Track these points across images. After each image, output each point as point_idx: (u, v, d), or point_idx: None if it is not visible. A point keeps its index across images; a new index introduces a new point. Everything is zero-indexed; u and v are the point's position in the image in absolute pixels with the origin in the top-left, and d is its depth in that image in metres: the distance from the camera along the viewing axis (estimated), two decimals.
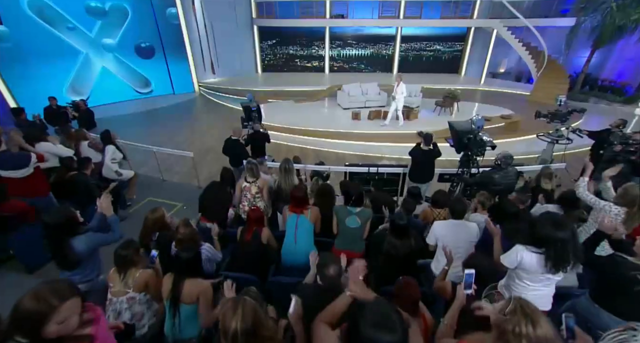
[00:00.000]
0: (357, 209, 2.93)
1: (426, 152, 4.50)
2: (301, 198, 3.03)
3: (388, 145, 8.07)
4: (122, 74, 11.87)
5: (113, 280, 2.25)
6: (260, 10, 14.30)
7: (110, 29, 11.08)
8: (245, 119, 6.71)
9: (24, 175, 3.70)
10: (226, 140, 5.39)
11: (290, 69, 15.71)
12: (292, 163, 3.74)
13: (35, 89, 9.31)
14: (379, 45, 14.87)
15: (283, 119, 9.35)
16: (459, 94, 9.50)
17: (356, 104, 10.07)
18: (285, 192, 3.63)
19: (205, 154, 8.02)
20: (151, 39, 12.12)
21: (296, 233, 2.97)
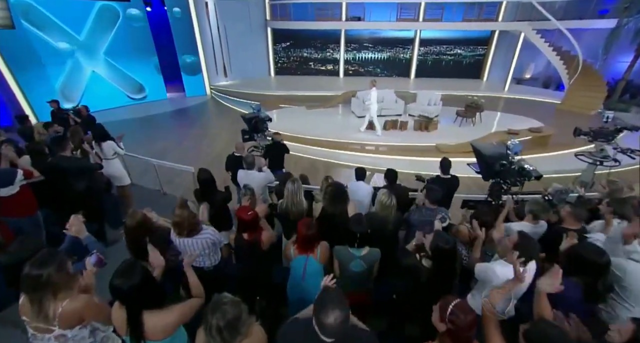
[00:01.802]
0: (363, 251, 2.41)
1: (445, 182, 3.90)
2: (310, 237, 2.49)
3: (405, 159, 7.47)
4: (113, 79, 11.39)
5: (25, 312, 1.65)
6: (274, 12, 13.92)
7: (101, 31, 10.63)
8: (249, 132, 6.27)
9: (7, 194, 3.37)
10: (228, 157, 4.94)
11: (303, 72, 15.27)
12: (299, 181, 3.22)
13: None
14: (396, 48, 14.23)
15: (293, 126, 8.91)
16: (483, 104, 8.78)
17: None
18: (293, 214, 3.15)
19: (211, 162, 7.66)
20: (146, 41, 11.75)
21: (304, 274, 2.51)
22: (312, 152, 7.94)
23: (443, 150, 7.45)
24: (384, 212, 2.93)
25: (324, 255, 2.50)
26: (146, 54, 11.82)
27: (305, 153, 7.96)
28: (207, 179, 3.21)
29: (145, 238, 2.45)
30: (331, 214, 3.01)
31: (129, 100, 11.98)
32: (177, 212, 2.38)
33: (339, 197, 2.99)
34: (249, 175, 3.92)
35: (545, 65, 13.13)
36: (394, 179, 3.81)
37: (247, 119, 6.14)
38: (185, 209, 2.40)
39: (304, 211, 3.13)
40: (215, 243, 2.63)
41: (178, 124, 10.48)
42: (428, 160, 7.37)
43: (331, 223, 3.07)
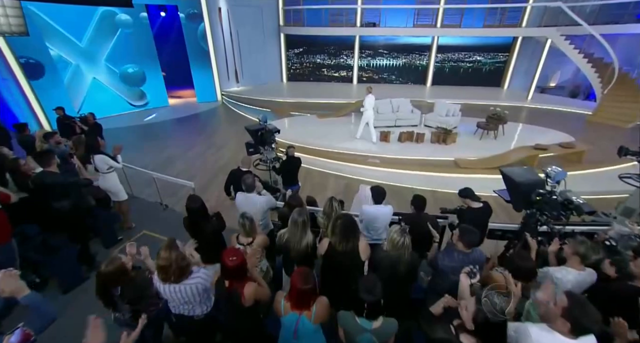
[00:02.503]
0: (375, 324, 1.92)
1: (479, 212, 3.38)
2: (306, 293, 2.05)
3: (421, 174, 6.95)
4: (114, 85, 11.20)
5: None
6: (287, 18, 13.68)
7: (102, 38, 10.45)
8: (254, 145, 5.91)
9: None
10: (232, 172, 4.53)
11: (316, 78, 14.95)
12: (307, 215, 2.78)
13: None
14: (412, 55, 13.72)
15: (303, 136, 8.52)
16: (506, 115, 8.17)
17: (385, 122, 9.03)
18: (295, 251, 2.73)
19: (216, 174, 7.37)
20: (148, 47, 11.55)
21: (296, 333, 2.07)
22: (323, 164, 7.53)
23: (462, 165, 6.91)
24: (395, 252, 2.47)
25: (321, 315, 2.04)
26: (148, 61, 11.64)
27: (315, 165, 7.55)
28: (196, 209, 2.82)
29: (117, 287, 2.09)
30: (339, 253, 2.57)
31: (131, 107, 11.81)
32: (162, 255, 2.00)
33: (349, 233, 2.55)
34: (249, 199, 3.53)
35: (573, 73, 12.35)
36: (422, 208, 3.29)
37: (253, 130, 5.77)
38: (173, 251, 2.02)
39: (307, 249, 2.70)
40: (207, 289, 2.29)
41: (186, 131, 10.28)
42: (446, 176, 6.85)
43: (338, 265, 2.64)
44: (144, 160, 8.05)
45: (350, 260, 2.61)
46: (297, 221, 2.67)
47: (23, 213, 3.51)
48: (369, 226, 3.52)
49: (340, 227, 2.52)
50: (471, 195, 3.25)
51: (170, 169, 7.61)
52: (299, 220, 2.67)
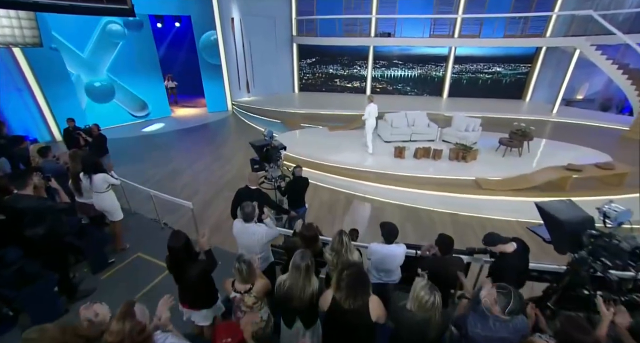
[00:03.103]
0: None
1: (515, 255, 2.82)
2: None
3: (439, 194, 6.41)
4: (116, 96, 10.96)
5: None
6: (300, 28, 13.51)
7: (104, 48, 10.27)
8: (259, 161, 5.55)
9: None
10: (239, 191, 4.06)
11: (328, 89, 14.66)
12: (311, 258, 2.33)
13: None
14: (428, 66, 13.26)
15: (313, 150, 8.14)
16: (532, 131, 7.55)
17: (400, 136, 8.56)
18: (298, 301, 2.27)
19: (222, 188, 7.05)
20: (150, 58, 11.40)
21: None
22: (333, 181, 7.09)
23: (485, 186, 6.33)
24: (424, 313, 1.98)
25: None
26: (150, 71, 11.48)
27: (325, 182, 7.13)
28: (177, 249, 2.41)
29: None
30: (346, 311, 2.10)
31: (132, 118, 11.60)
32: (113, 328, 1.56)
33: (359, 289, 2.09)
34: (247, 229, 3.11)
35: (604, 84, 11.56)
36: (448, 249, 2.78)
37: (258, 146, 5.42)
38: (128, 321, 1.59)
39: (312, 299, 2.25)
40: None
41: (193, 142, 10.07)
42: (467, 198, 6.28)
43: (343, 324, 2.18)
44: (148, 173, 7.84)
45: (358, 319, 2.14)
46: (299, 266, 2.23)
47: (4, 235, 3.22)
48: (378, 266, 3.04)
49: (347, 281, 2.06)
50: (499, 240, 2.71)
51: (174, 182, 7.35)
52: (302, 265, 2.23)
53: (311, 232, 3.04)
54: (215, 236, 5.26)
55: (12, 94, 8.61)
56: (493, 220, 5.76)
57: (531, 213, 3.19)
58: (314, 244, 3.09)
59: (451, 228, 5.66)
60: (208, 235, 2.70)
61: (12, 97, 8.62)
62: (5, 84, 8.40)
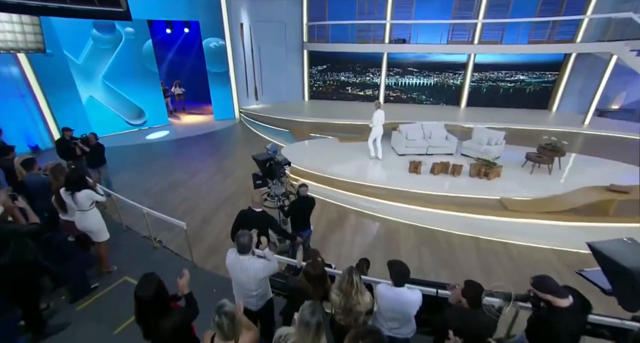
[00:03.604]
0: None
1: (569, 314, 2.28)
2: None
3: (459, 215, 5.90)
4: (112, 104, 10.73)
5: None
6: (311, 34, 13.30)
7: (100, 54, 10.07)
8: (262, 177, 5.19)
9: None
10: (242, 213, 3.70)
11: (340, 97, 14.34)
12: (323, 314, 1.91)
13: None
14: (445, 74, 12.80)
15: (322, 162, 7.75)
16: (564, 147, 6.97)
17: (415, 149, 8.09)
18: None
19: (223, 203, 6.71)
20: (149, 64, 11.20)
21: None
22: (342, 198, 6.67)
23: (511, 207, 5.79)
24: None
25: None
26: (147, 78, 11.28)
27: (334, 199, 6.72)
28: (146, 300, 2.02)
29: None
30: None
31: (129, 126, 11.35)
32: None
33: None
34: (241, 263, 2.72)
35: None
36: (478, 301, 2.28)
37: (261, 161, 5.06)
38: None
39: None
40: None
41: (197, 152, 9.85)
42: (491, 220, 5.75)
43: None
44: (147, 184, 7.60)
45: None
46: (309, 323, 1.84)
47: None
48: (386, 314, 2.57)
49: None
50: (554, 288, 2.20)
51: (174, 195, 7.07)
52: (312, 322, 1.84)
53: (318, 271, 2.63)
54: (211, 258, 4.91)
55: (14, 100, 8.59)
56: (521, 246, 5.20)
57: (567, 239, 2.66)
58: (323, 285, 2.68)
59: (473, 253, 5.15)
60: (188, 277, 2.32)
61: (15, 103, 8.60)
62: (9, 90, 8.40)
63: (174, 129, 12.07)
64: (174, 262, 4.80)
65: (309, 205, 4.36)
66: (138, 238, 5.30)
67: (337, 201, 6.69)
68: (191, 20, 11.88)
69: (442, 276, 4.62)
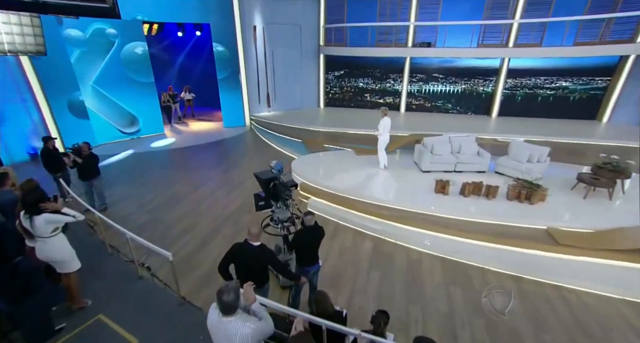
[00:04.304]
0: None
1: None
2: None
3: (496, 247, 5.09)
4: (102, 111, 10.29)
5: None
6: (328, 38, 12.84)
7: (91, 59, 9.70)
8: (264, 198, 4.60)
9: None
10: (235, 248, 3.17)
11: (358, 104, 13.74)
12: None
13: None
14: (474, 80, 11.96)
15: (335, 179, 7.10)
16: (630, 166, 6.01)
17: (442, 166, 7.33)
18: None
19: (225, 221, 6.22)
20: (144, 69, 10.79)
21: None
22: (358, 221, 5.99)
23: (563, 241, 4.92)
24: None
25: None
26: (144, 83, 10.90)
27: (348, 222, 6.07)
28: None
29: None
30: None
31: (122, 135, 10.94)
32: None
33: None
34: (226, 326, 2.13)
35: None
36: None
37: (264, 180, 4.47)
38: None
39: None
40: None
41: (202, 162, 9.47)
42: (536, 255, 4.92)
43: None
44: (146, 197, 7.19)
45: None
46: None
47: None
48: None
49: None
50: None
51: (173, 211, 6.63)
52: None
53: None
54: (203, 291, 4.35)
55: (14, 104, 8.48)
56: (581, 292, 4.35)
57: None
58: None
59: (517, 298, 4.33)
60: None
61: (15, 107, 8.49)
62: (9, 94, 8.30)
63: (181, 136, 11.81)
64: (159, 295, 4.25)
65: (317, 236, 3.74)
66: (122, 264, 4.80)
67: (352, 224, 6.02)
68: (202, 22, 11.68)
69: (477, 326, 3.86)
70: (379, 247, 5.47)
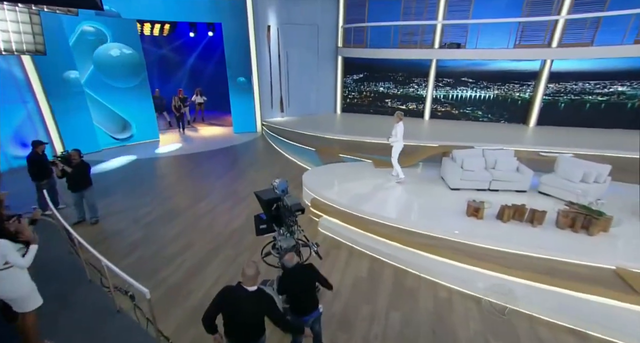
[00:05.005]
0: None
1: None
2: None
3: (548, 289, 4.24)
4: (92, 115, 9.79)
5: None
6: (347, 38, 12.29)
7: (81, 60, 9.28)
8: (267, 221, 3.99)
9: None
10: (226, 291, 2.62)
11: (377, 110, 13.06)
12: None
13: None
14: (509, 85, 11.04)
15: (350, 195, 6.44)
16: None
17: (474, 183, 6.52)
18: None
19: (225, 242, 5.69)
20: (138, 70, 10.35)
21: None
22: (376, 247, 5.28)
23: (637, 286, 4.00)
24: None
25: None
26: (137, 86, 10.46)
27: (365, 247, 5.38)
28: None
29: None
30: None
31: (115, 141, 10.53)
32: None
33: None
34: None
35: None
36: None
37: (265, 200, 3.85)
38: None
39: None
40: None
41: (207, 172, 9.03)
42: (601, 304, 4.04)
43: None
44: (142, 210, 6.74)
45: None
46: None
47: None
48: None
49: None
50: None
51: (168, 227, 6.16)
52: None
53: None
54: (192, 329, 3.75)
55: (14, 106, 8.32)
56: None
57: None
58: None
59: None
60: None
61: (15, 109, 8.33)
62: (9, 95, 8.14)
63: (188, 141, 11.48)
64: (138, 334, 3.69)
65: (303, 279, 3.07)
66: (101, 293, 4.28)
67: (368, 250, 5.33)
68: (213, 22, 11.41)
69: None
70: (400, 280, 4.74)
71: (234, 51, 11.16)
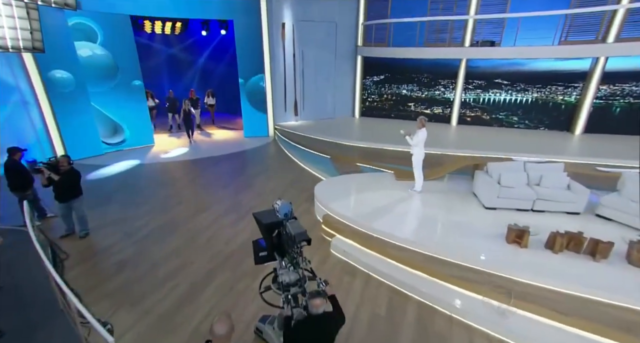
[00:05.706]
0: None
1: None
2: None
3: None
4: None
5: None
6: (368, 37, 11.67)
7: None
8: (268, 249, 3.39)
9: None
10: None
11: (399, 115, 12.33)
12: None
13: None
14: (551, 87, 10.06)
15: (367, 211, 5.75)
16: None
17: (514, 202, 5.68)
18: None
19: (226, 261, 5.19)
20: (131, 72, 9.87)
21: None
22: (397, 276, 4.57)
23: None
24: None
25: None
26: (130, 88, 9.98)
27: (384, 275, 4.67)
28: None
29: None
30: None
31: (108, 147, 10.01)
32: None
33: None
34: None
35: None
36: None
37: (265, 225, 3.24)
38: None
39: None
40: None
41: (213, 180, 8.62)
42: None
43: None
44: (137, 223, 6.29)
45: None
46: None
47: None
48: None
49: None
50: None
51: (163, 243, 5.67)
52: None
53: None
54: None
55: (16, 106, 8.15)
56: None
57: None
58: None
59: None
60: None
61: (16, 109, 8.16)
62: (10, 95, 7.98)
63: (195, 146, 11.11)
64: None
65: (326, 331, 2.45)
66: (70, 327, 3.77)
67: (388, 279, 4.63)
68: (225, 19, 11.07)
69: None
70: (425, 321, 4.01)
71: (245, 50, 10.75)
